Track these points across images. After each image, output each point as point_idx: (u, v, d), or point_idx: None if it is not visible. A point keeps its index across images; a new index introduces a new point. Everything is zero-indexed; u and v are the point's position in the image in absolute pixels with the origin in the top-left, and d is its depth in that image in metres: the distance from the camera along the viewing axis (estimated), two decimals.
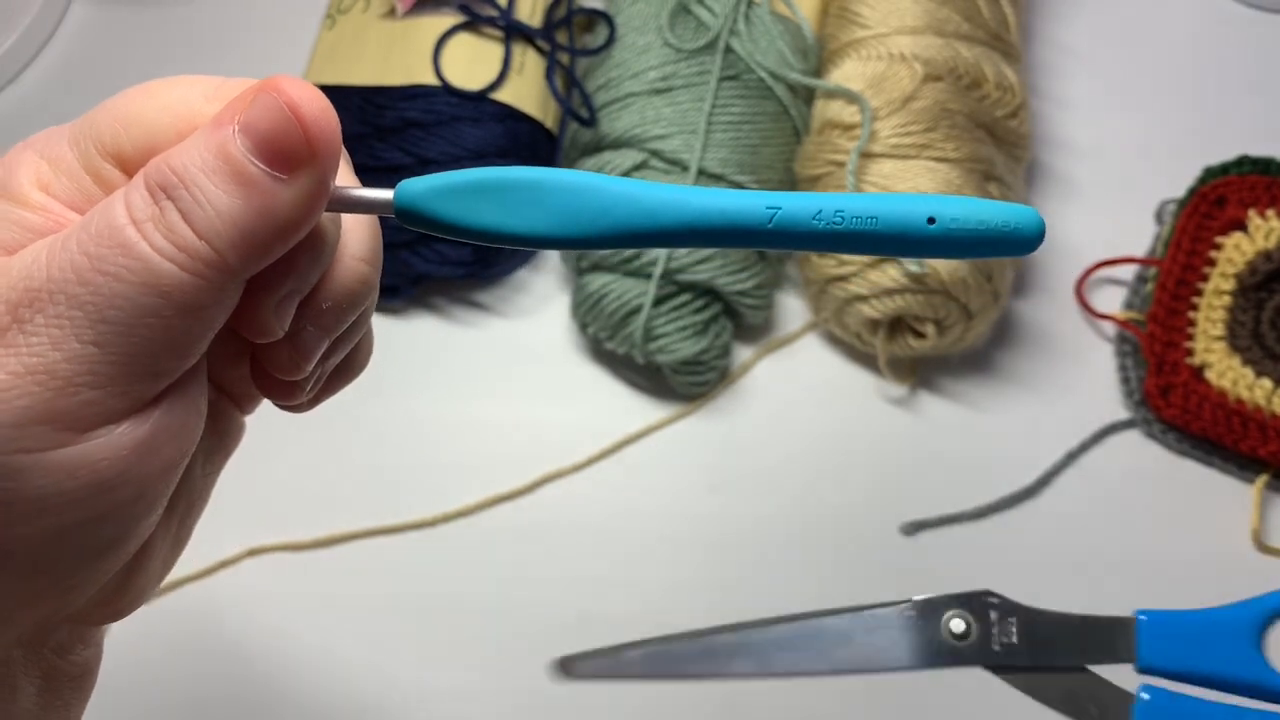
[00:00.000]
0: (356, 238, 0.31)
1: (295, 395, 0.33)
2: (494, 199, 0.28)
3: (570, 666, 0.54)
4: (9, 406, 0.27)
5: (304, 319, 0.31)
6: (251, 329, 0.30)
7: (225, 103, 0.28)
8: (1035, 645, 0.49)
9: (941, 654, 0.49)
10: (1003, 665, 0.49)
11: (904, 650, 0.50)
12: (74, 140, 0.30)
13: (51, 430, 0.28)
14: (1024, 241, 0.27)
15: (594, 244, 0.28)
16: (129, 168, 0.29)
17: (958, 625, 0.50)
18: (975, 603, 0.50)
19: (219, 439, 0.35)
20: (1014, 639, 0.50)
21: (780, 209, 0.27)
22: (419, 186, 0.28)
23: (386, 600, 0.62)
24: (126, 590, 0.32)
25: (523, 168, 0.28)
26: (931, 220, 0.27)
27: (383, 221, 0.32)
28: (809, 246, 0.28)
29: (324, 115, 0.27)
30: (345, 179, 0.31)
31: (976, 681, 0.50)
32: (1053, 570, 0.61)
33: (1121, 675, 0.49)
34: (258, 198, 0.27)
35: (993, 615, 0.50)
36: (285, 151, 0.27)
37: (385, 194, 0.29)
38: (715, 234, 0.28)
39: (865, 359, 0.67)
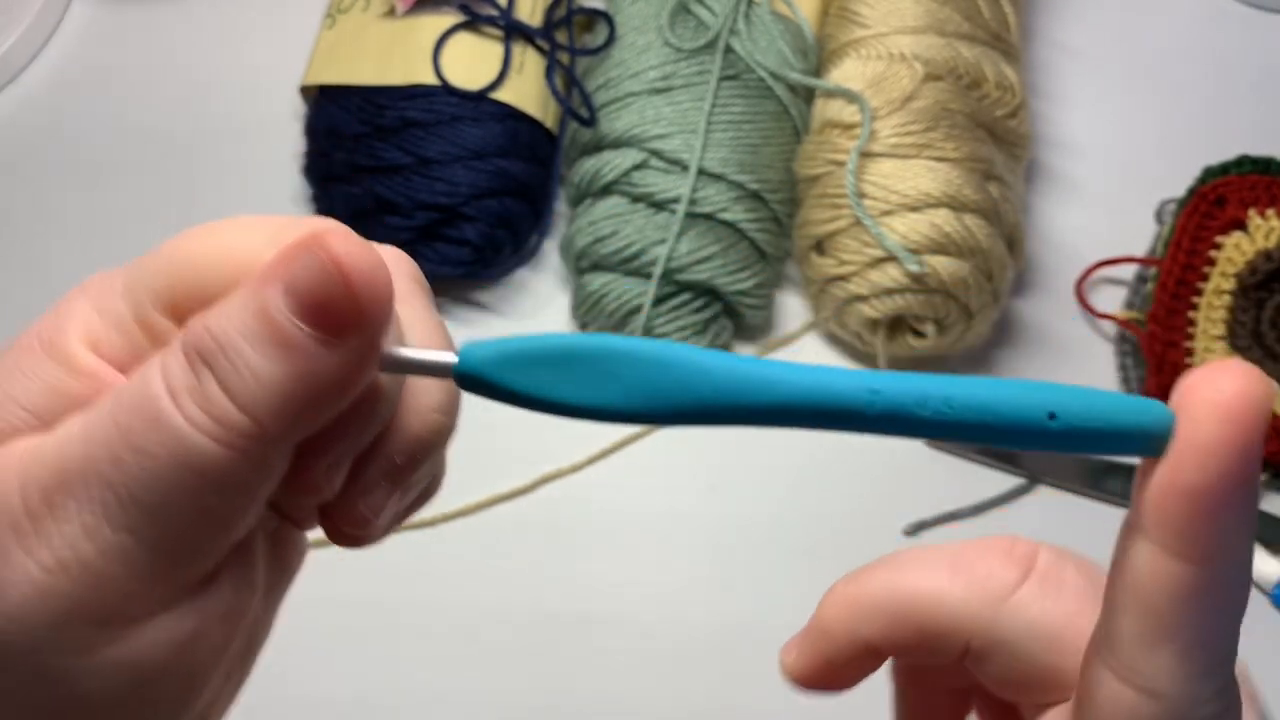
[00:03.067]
0: (428, 386, 0.29)
1: (366, 541, 0.31)
2: (565, 369, 0.25)
3: None
4: (44, 606, 0.25)
5: (376, 474, 0.28)
6: (304, 491, 0.27)
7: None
8: None
9: None
10: None
11: None
12: (127, 289, 0.28)
13: (91, 628, 0.26)
14: (1153, 440, 0.23)
15: (672, 420, 0.25)
16: (184, 319, 0.27)
17: None
18: None
19: (282, 568, 0.32)
20: None
21: (881, 393, 0.24)
22: (484, 353, 0.26)
23: (386, 600, 0.62)
24: None
25: (597, 336, 0.26)
26: (1052, 416, 0.24)
27: (384, 220, 0.31)
28: (916, 435, 0.25)
29: (373, 274, 0.25)
30: (418, 325, 0.29)
31: None
32: None
33: None
34: (302, 363, 0.25)
35: None
36: (331, 314, 0.24)
37: (446, 357, 0.26)
38: (807, 415, 0.25)
39: (865, 359, 0.67)
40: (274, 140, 0.73)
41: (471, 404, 0.32)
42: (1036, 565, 0.28)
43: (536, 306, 0.69)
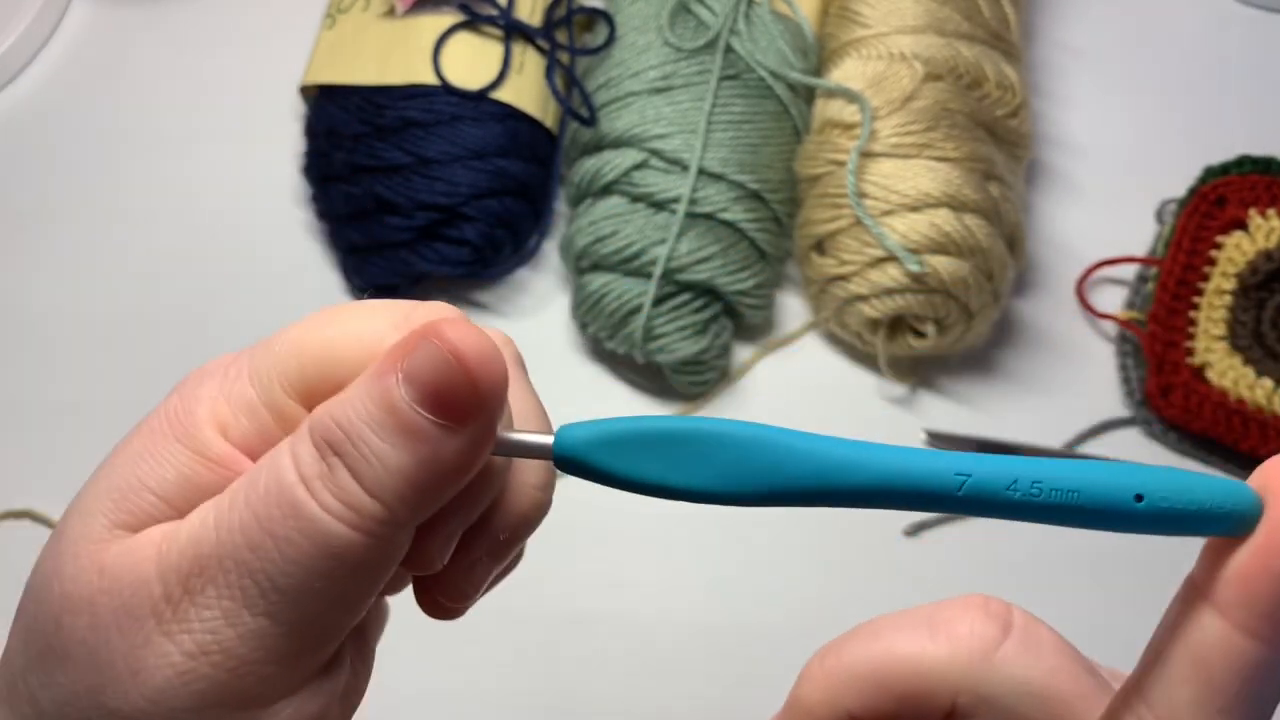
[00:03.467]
0: (530, 464, 0.30)
1: (460, 613, 0.32)
2: (658, 451, 0.26)
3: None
4: (186, 690, 0.26)
5: (479, 549, 0.30)
6: (418, 566, 0.28)
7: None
8: None
9: None
10: None
11: None
12: (254, 374, 0.28)
13: (230, 712, 0.27)
14: (1239, 522, 0.24)
15: (765, 501, 0.27)
16: (314, 403, 0.28)
17: None
18: None
19: (379, 616, 0.34)
20: None
21: (970, 476, 0.25)
22: (581, 435, 0.27)
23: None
24: None
25: (692, 420, 0.26)
26: (1139, 498, 0.24)
27: (384, 220, 0.32)
28: (1002, 516, 0.25)
29: (490, 362, 0.26)
30: (518, 403, 0.30)
31: None
32: (1055, 568, 0.61)
33: None
34: (427, 449, 0.26)
35: None
36: (452, 402, 0.26)
37: (546, 439, 0.27)
38: (897, 497, 0.26)
39: (865, 359, 0.67)
40: (274, 140, 0.73)
41: None
42: (1015, 622, 0.29)
43: (536, 306, 0.69)
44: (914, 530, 0.63)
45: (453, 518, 0.28)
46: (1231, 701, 0.24)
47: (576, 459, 0.27)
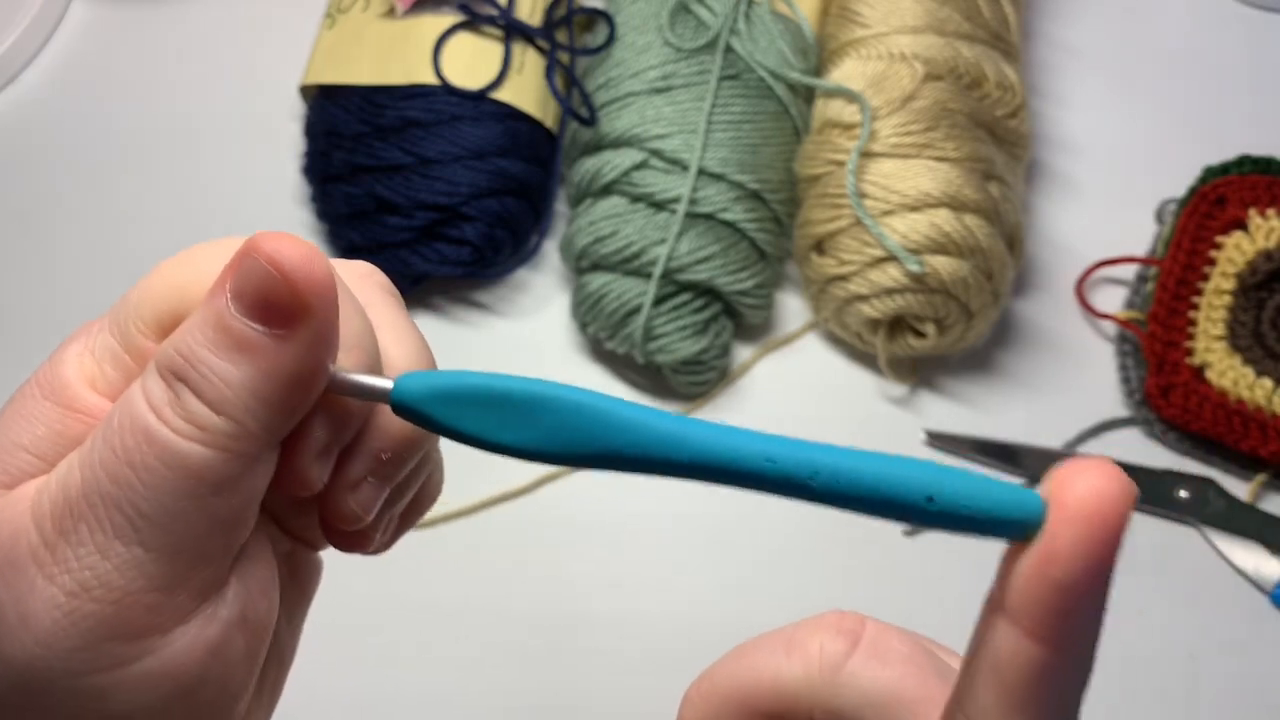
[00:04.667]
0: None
1: (367, 544, 0.32)
2: (489, 409, 0.27)
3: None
4: (74, 628, 0.27)
5: (360, 469, 0.30)
6: (293, 485, 0.29)
7: None
8: None
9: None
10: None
11: None
12: (113, 323, 0.29)
13: (122, 644, 0.27)
14: (1025, 529, 0.25)
15: (584, 463, 0.28)
16: None
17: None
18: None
19: (299, 589, 0.35)
20: None
21: (776, 462, 0.27)
22: (417, 386, 0.28)
23: (385, 600, 0.62)
24: None
25: (523, 380, 0.28)
26: (930, 499, 0.26)
27: (384, 220, 0.32)
28: (805, 500, 0.27)
29: (306, 263, 0.27)
30: (388, 329, 0.31)
31: None
32: None
33: None
34: (263, 360, 0.27)
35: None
36: (277, 307, 0.27)
37: (386, 384, 0.28)
38: (708, 473, 0.27)
39: (865, 359, 0.67)
40: (274, 140, 0.73)
41: None
42: (864, 635, 0.29)
43: (536, 306, 0.69)
44: (914, 531, 0.63)
45: (313, 433, 0.29)
46: (1026, 704, 0.25)
47: (412, 408, 0.28)
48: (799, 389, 0.67)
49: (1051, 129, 0.73)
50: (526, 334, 0.69)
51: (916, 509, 0.26)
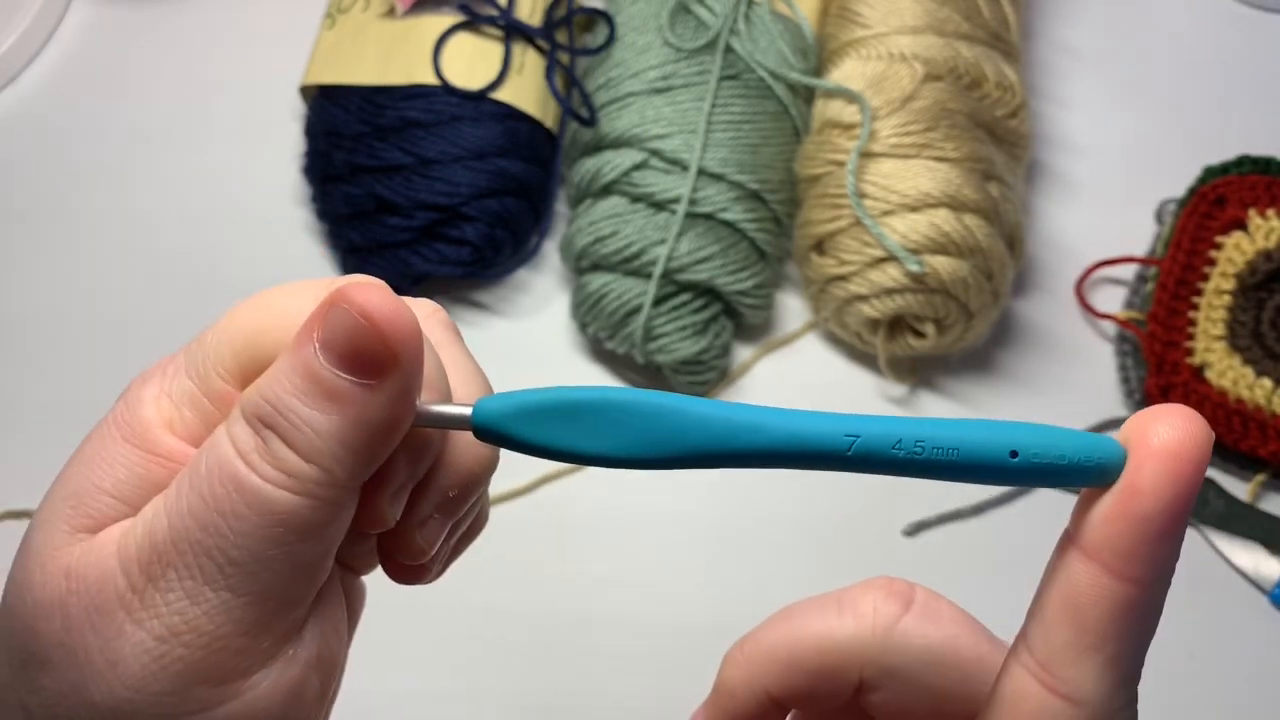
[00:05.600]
0: None
1: (425, 576, 0.33)
2: (571, 420, 0.28)
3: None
4: (165, 673, 0.27)
5: (429, 506, 0.31)
6: (369, 524, 0.29)
7: None
8: None
9: None
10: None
11: None
12: (190, 367, 0.30)
13: (210, 688, 0.28)
14: (1105, 473, 0.26)
15: (671, 464, 0.28)
16: (250, 384, 0.29)
17: None
18: None
19: (350, 614, 0.35)
20: None
21: (859, 437, 0.27)
22: (497, 406, 0.28)
23: (385, 600, 0.62)
24: None
25: (600, 390, 0.28)
26: (1014, 454, 0.26)
27: (384, 220, 0.32)
28: (890, 473, 0.27)
29: (397, 315, 0.27)
30: (455, 368, 0.31)
31: None
32: None
33: None
34: (352, 410, 0.27)
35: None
36: (368, 359, 0.27)
37: (465, 410, 0.28)
38: (792, 458, 0.27)
39: (865, 359, 0.67)
40: (274, 140, 0.73)
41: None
42: (915, 598, 0.31)
43: (536, 306, 0.69)
44: (913, 530, 0.63)
45: (394, 475, 0.29)
46: (1103, 639, 0.26)
47: (494, 429, 0.28)
48: (799, 389, 0.67)
49: (1051, 129, 0.73)
50: (526, 334, 0.69)
51: (1000, 466, 0.26)
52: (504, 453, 0.31)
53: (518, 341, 0.68)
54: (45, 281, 0.71)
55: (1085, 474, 0.26)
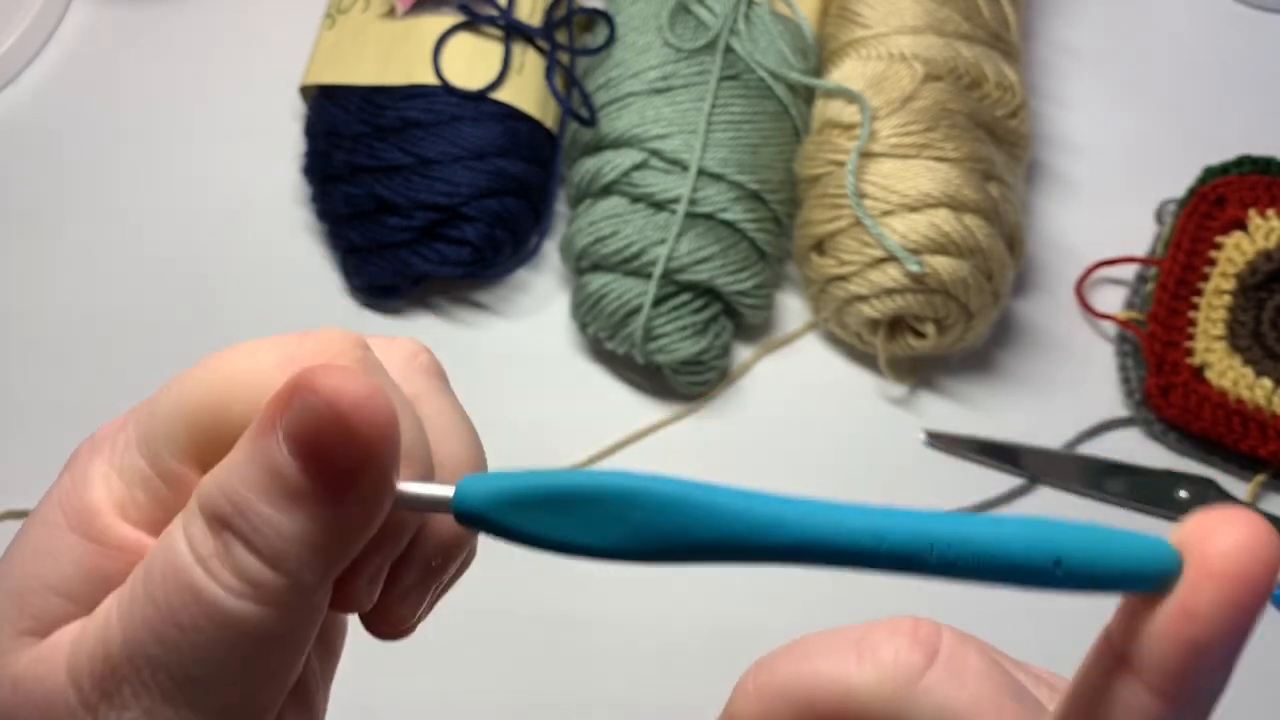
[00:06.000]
0: None
1: (408, 633, 0.30)
2: (565, 510, 0.25)
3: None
4: None
5: (411, 579, 0.28)
6: (344, 609, 0.27)
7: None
8: None
9: None
10: None
11: None
12: (141, 441, 0.27)
13: None
14: (1158, 581, 0.23)
15: (676, 560, 0.25)
16: (208, 462, 0.26)
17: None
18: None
19: (329, 651, 0.32)
20: None
21: (888, 539, 0.24)
22: (482, 491, 0.25)
23: None
24: None
25: (595, 477, 0.25)
26: (1058, 563, 0.23)
27: (384, 220, 0.31)
28: (922, 575, 0.25)
29: (369, 405, 0.23)
30: (438, 420, 0.28)
31: None
32: None
33: None
34: (320, 510, 0.24)
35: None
36: (336, 461, 0.24)
37: (445, 491, 0.25)
38: (816, 557, 0.25)
39: (865, 359, 0.67)
40: (274, 140, 0.73)
41: (471, 404, 0.32)
42: (941, 648, 0.28)
43: (536, 306, 0.69)
44: None
45: (369, 560, 0.26)
46: None
47: (477, 515, 0.25)
48: (799, 389, 0.67)
49: (1051, 129, 0.73)
50: (526, 334, 0.69)
51: (1043, 573, 0.23)
52: (495, 452, 0.29)
53: (518, 342, 0.68)
54: (45, 281, 0.71)
55: (1134, 582, 0.23)
